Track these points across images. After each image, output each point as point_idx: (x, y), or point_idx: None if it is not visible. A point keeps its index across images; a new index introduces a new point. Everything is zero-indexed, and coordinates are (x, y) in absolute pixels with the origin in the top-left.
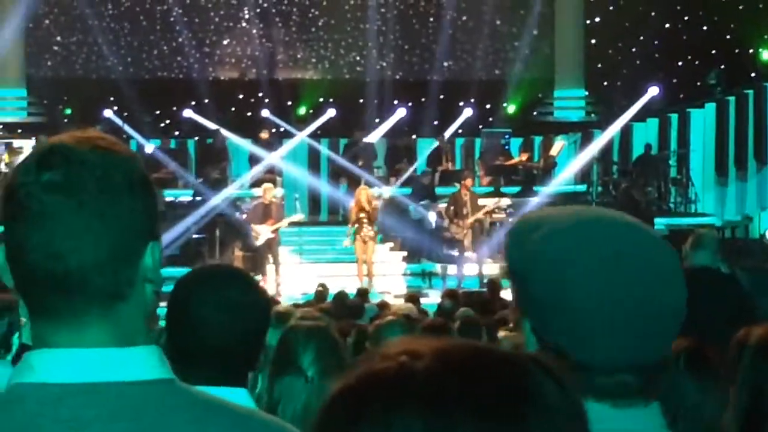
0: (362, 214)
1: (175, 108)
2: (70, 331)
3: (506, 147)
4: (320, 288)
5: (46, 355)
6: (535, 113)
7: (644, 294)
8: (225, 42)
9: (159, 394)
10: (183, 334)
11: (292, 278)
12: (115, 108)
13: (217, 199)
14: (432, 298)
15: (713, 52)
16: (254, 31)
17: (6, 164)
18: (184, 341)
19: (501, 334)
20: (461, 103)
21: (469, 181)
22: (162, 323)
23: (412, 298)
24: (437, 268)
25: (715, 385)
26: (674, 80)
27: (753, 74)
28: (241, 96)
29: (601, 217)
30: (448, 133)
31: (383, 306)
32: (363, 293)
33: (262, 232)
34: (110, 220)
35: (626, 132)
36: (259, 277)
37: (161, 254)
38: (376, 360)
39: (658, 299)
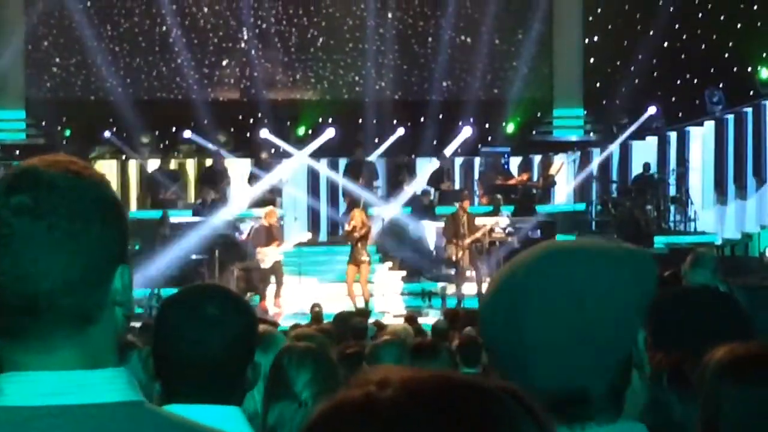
0: (356, 235)
1: (174, 129)
2: (39, 354)
3: (505, 166)
4: (317, 309)
5: (14, 378)
6: (534, 132)
7: (553, 321)
8: (224, 63)
9: (126, 416)
10: (164, 351)
11: (290, 298)
12: (115, 129)
13: (217, 220)
14: (431, 318)
15: (712, 70)
16: (253, 51)
17: None
18: (166, 358)
19: None
20: (460, 123)
21: (466, 202)
22: None
23: (410, 318)
24: (437, 287)
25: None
26: (673, 99)
27: (751, 92)
28: (240, 117)
29: (533, 252)
30: (448, 152)
31: (379, 326)
32: (363, 313)
33: (269, 254)
34: (81, 243)
35: (625, 151)
36: (257, 298)
37: (130, 278)
38: (349, 388)
39: (572, 325)
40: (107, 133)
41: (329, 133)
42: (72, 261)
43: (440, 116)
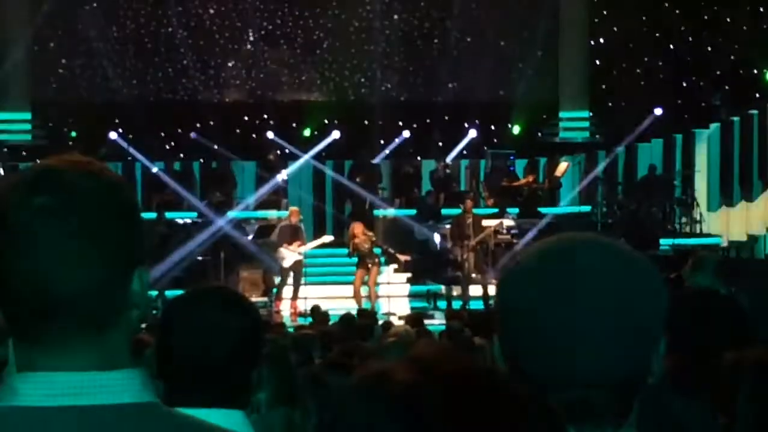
0: (362, 248)
1: (180, 130)
2: (56, 355)
3: (511, 168)
4: (319, 310)
5: (30, 378)
6: (539, 134)
7: (598, 310)
8: (230, 64)
9: (141, 417)
10: (168, 354)
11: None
12: (120, 130)
13: (222, 221)
14: (437, 320)
15: (718, 73)
16: (259, 53)
17: None
18: (170, 361)
19: None
20: (466, 125)
21: (468, 203)
22: None
23: (414, 319)
24: (442, 289)
25: (701, 405)
26: (679, 101)
27: (757, 95)
28: (246, 118)
29: (565, 239)
30: (451, 156)
31: (386, 328)
32: (369, 315)
33: (290, 254)
34: (104, 247)
35: (631, 153)
36: (264, 300)
37: (148, 280)
38: (402, 363)
39: (615, 315)
40: (113, 134)
41: (335, 134)
42: (95, 264)
43: (446, 118)
